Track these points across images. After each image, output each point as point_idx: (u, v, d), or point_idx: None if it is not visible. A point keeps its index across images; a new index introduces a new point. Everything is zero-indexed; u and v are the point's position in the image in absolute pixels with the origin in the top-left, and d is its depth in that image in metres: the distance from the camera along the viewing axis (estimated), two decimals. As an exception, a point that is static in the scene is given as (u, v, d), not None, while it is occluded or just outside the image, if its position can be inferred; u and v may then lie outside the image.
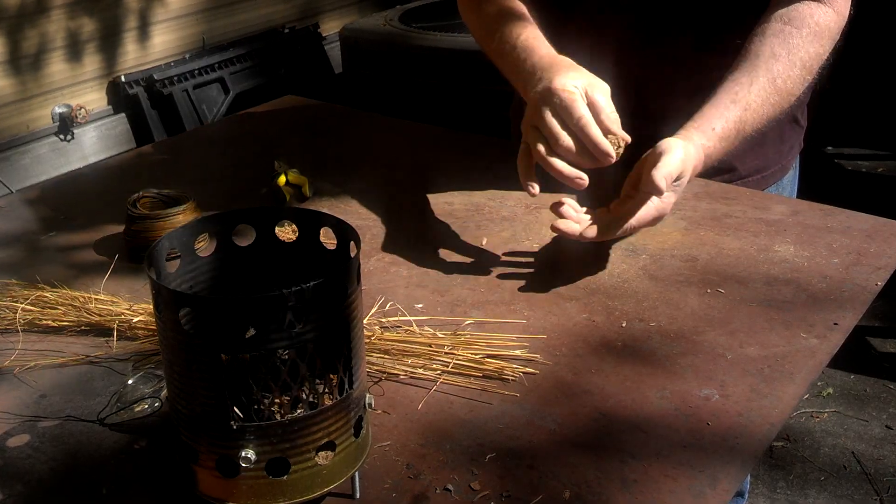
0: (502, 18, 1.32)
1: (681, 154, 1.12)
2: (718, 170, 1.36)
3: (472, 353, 1.01)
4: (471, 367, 1.00)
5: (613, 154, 1.12)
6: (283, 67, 4.16)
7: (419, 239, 1.29)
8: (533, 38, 1.25)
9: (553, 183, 1.13)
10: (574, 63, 1.19)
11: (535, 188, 1.14)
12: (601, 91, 1.13)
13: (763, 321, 1.07)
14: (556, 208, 1.16)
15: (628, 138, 1.14)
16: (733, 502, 1.79)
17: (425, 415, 0.94)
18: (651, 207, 1.13)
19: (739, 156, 1.36)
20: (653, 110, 1.37)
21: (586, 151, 1.12)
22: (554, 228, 1.14)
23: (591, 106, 1.12)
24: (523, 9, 1.33)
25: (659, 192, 1.09)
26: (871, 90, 4.14)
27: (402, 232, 1.32)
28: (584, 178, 1.11)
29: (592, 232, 1.13)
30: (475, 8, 1.40)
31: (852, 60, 4.06)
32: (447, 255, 1.25)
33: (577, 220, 1.15)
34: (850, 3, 1.27)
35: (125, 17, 3.67)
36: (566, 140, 1.11)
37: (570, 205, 1.16)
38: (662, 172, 1.08)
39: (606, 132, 1.12)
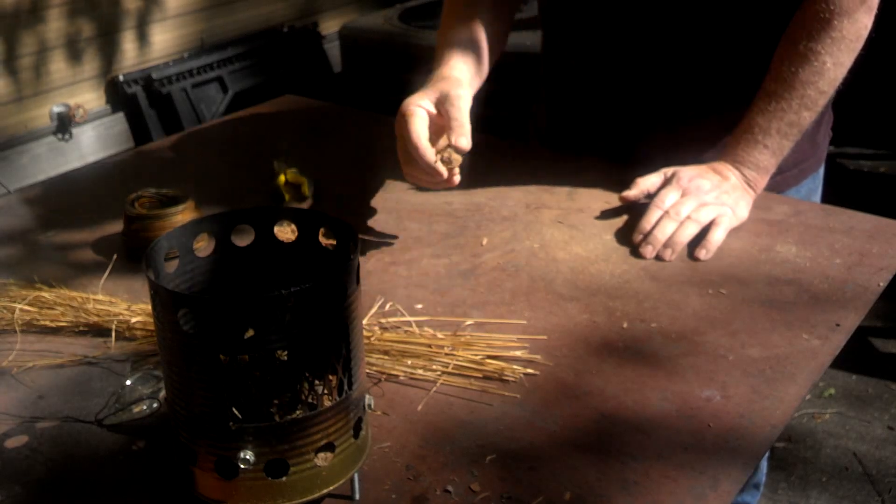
0: (456, 20, 1.38)
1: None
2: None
3: (472, 354, 1.01)
4: (471, 368, 0.99)
5: (441, 171, 1.16)
6: (282, 67, 4.16)
7: (419, 239, 1.29)
8: (450, 48, 1.32)
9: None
10: (454, 78, 1.25)
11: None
12: (452, 102, 1.18)
13: (765, 322, 1.07)
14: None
15: (464, 148, 1.16)
16: (750, 494, 1.78)
17: (425, 416, 0.93)
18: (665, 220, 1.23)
19: None
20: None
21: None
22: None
23: (444, 118, 1.18)
24: (478, 22, 1.37)
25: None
26: (873, 90, 4.13)
27: (401, 232, 1.31)
28: (443, 176, 1.17)
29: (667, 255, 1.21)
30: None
31: (854, 60, 4.06)
32: (447, 255, 1.24)
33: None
34: (873, 12, 1.27)
35: (123, 16, 3.67)
36: (402, 157, 1.21)
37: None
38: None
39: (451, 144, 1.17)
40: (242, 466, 0.75)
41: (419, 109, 1.18)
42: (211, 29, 3.99)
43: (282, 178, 1.45)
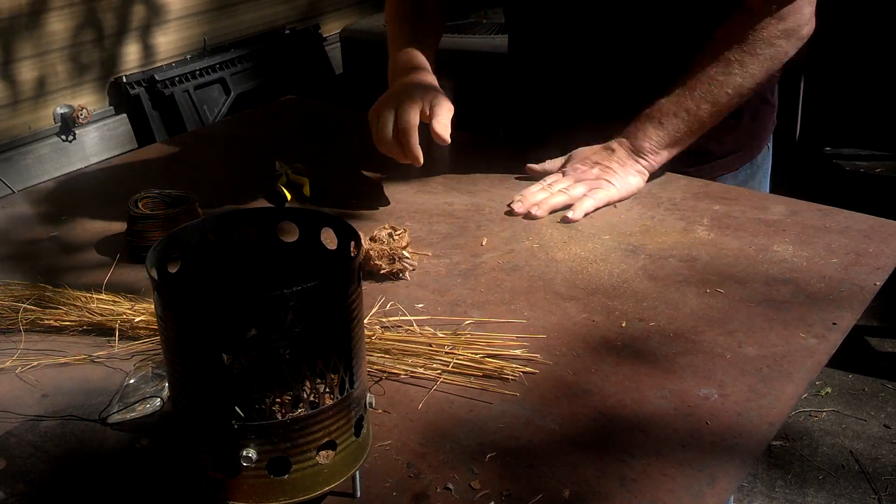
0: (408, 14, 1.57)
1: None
2: (694, 154, 1.45)
3: (472, 353, 1.02)
4: (471, 367, 1.00)
5: (419, 157, 1.33)
6: (284, 68, 4.16)
7: (419, 239, 1.30)
8: (413, 38, 1.51)
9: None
10: (429, 74, 1.44)
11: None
12: (440, 103, 1.35)
13: (762, 321, 1.07)
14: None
15: (446, 142, 1.33)
16: None
17: (425, 414, 0.94)
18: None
19: (715, 137, 1.45)
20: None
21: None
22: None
23: (430, 112, 1.34)
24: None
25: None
26: (870, 90, 4.14)
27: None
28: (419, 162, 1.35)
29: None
30: None
31: (851, 60, 4.07)
32: (447, 255, 1.25)
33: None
34: (798, 41, 1.36)
35: (126, 17, 3.67)
36: (385, 132, 1.36)
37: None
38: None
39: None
40: (245, 464, 0.75)
41: (416, 106, 1.34)
42: (213, 31, 4.00)
43: (283, 178, 1.46)
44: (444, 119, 1.33)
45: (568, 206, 1.35)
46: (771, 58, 1.35)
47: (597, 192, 1.36)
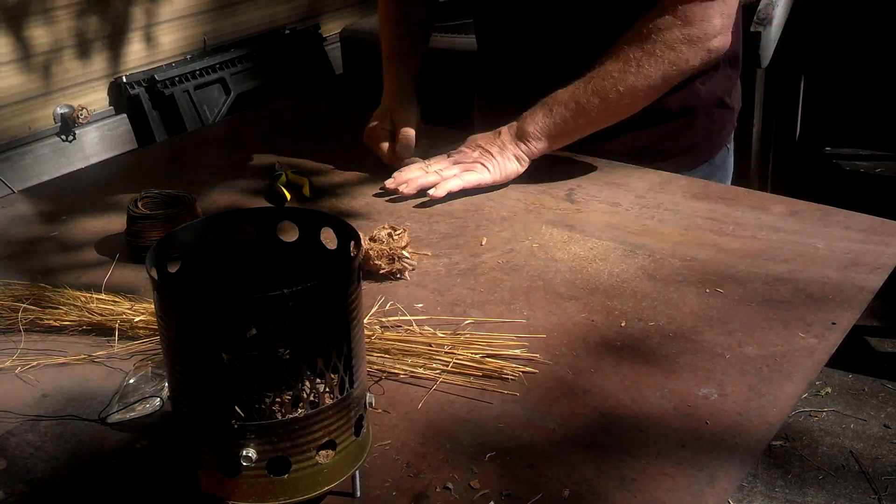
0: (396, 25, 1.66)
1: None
2: (649, 151, 1.49)
3: (471, 353, 1.02)
4: (471, 367, 1.00)
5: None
6: (284, 68, 4.16)
7: (419, 239, 1.30)
8: (400, 50, 1.63)
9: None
10: (410, 99, 1.58)
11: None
12: (406, 124, 1.52)
13: (762, 321, 1.07)
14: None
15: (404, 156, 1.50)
16: None
17: (425, 414, 0.94)
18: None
19: (670, 135, 1.49)
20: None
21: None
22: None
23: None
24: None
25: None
26: (870, 90, 4.14)
27: (402, 232, 1.32)
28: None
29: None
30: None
31: (851, 60, 4.07)
32: (447, 254, 1.25)
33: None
34: (706, 53, 1.37)
35: (127, 17, 3.67)
36: (381, 137, 1.53)
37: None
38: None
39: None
40: (245, 464, 0.76)
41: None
42: (213, 31, 3.99)
43: (283, 178, 1.46)
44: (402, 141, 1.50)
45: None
46: (670, 62, 1.35)
47: (468, 174, 1.41)
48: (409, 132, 1.51)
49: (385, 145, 1.52)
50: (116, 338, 1.08)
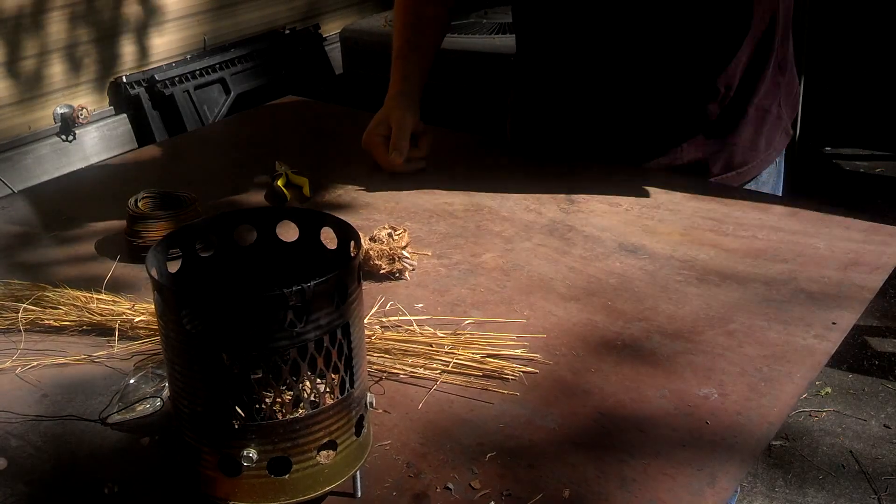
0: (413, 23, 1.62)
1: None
2: (695, 168, 1.44)
3: (472, 353, 1.02)
4: (471, 367, 1.00)
5: (398, 161, 1.50)
6: (284, 68, 4.16)
7: (419, 239, 1.30)
8: (409, 51, 1.60)
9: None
10: (411, 99, 1.56)
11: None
12: (401, 127, 1.52)
13: (762, 321, 1.07)
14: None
15: (397, 162, 1.51)
16: None
17: (426, 414, 0.94)
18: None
19: (712, 152, 1.43)
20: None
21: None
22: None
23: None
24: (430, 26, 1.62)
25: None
26: (870, 90, 4.14)
27: (402, 232, 1.32)
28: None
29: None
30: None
31: (851, 60, 4.06)
32: (447, 254, 1.25)
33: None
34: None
35: (127, 17, 3.67)
36: (379, 139, 1.53)
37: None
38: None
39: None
40: (245, 464, 0.76)
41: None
42: (213, 31, 4.00)
43: (283, 178, 1.46)
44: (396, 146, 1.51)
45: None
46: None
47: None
48: (402, 142, 1.50)
49: (380, 151, 1.52)
50: (116, 338, 1.07)
